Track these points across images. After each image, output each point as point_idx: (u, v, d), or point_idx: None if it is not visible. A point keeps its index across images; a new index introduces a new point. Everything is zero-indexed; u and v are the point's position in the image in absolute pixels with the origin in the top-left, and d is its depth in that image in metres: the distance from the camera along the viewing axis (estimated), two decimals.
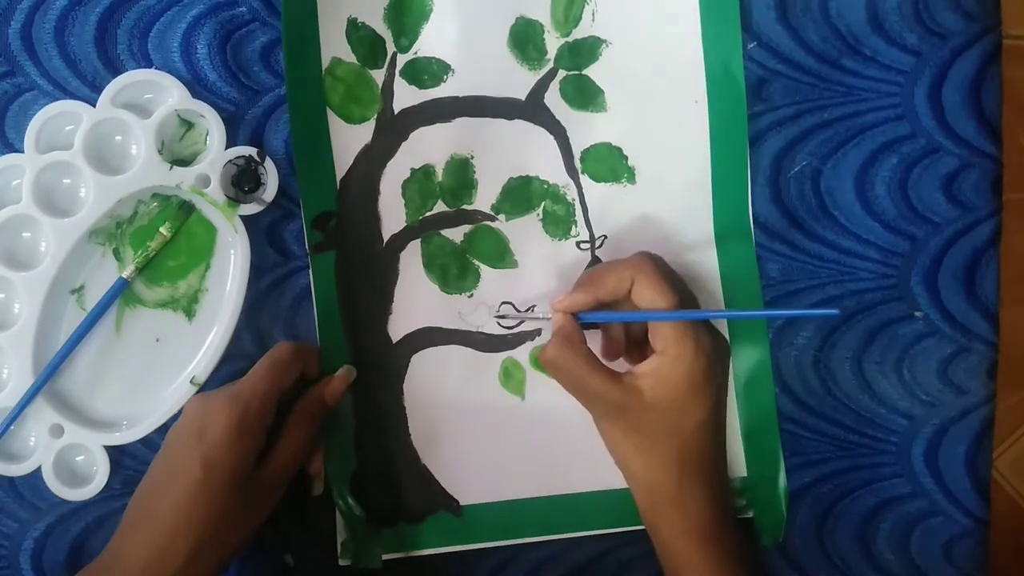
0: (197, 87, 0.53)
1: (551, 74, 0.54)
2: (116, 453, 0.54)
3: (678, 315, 0.48)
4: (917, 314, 0.55)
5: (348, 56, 0.53)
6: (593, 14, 0.53)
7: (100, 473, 0.54)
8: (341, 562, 0.54)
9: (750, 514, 0.55)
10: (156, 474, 0.49)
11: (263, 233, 0.54)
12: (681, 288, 0.51)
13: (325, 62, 0.53)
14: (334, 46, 0.53)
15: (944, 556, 0.55)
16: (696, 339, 0.48)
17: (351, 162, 0.54)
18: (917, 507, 0.55)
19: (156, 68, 0.53)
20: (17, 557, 0.55)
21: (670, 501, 0.49)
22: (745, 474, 0.55)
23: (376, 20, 0.53)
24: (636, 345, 0.53)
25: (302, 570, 0.55)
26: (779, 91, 0.54)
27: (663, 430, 0.49)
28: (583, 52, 0.54)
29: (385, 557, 0.55)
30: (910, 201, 0.54)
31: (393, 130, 0.54)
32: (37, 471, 0.53)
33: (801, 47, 0.53)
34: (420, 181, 0.54)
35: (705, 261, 0.54)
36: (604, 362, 0.50)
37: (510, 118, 0.54)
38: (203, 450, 0.47)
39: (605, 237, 0.55)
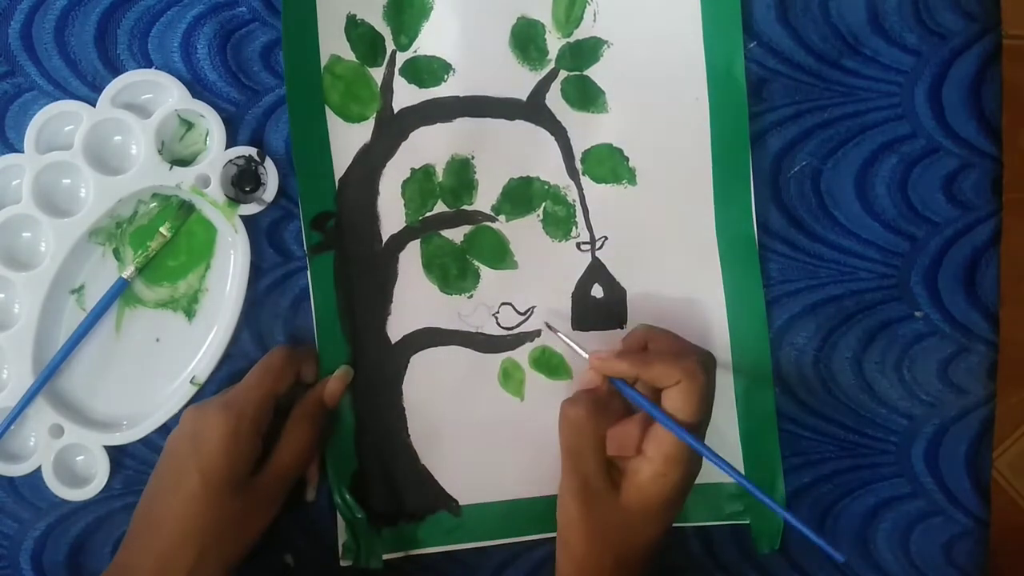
0: (197, 87, 0.53)
1: (552, 74, 0.54)
2: (116, 453, 0.54)
3: (701, 447, 0.46)
4: (917, 314, 0.55)
5: (347, 54, 0.53)
6: (594, 15, 0.53)
7: (100, 473, 0.54)
8: (342, 562, 0.54)
9: (746, 520, 0.55)
10: (157, 484, 0.49)
11: (263, 233, 0.54)
12: (708, 409, 0.49)
13: (324, 59, 0.53)
14: (333, 43, 0.53)
15: (944, 556, 0.55)
16: (688, 462, 0.47)
17: (350, 161, 0.54)
18: (917, 507, 0.55)
19: (156, 68, 0.53)
20: (17, 557, 0.55)
21: None
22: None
23: (375, 17, 0.53)
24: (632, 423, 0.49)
25: (302, 570, 0.55)
26: (779, 91, 0.54)
27: (617, 530, 0.48)
28: (584, 53, 0.54)
29: (385, 557, 0.55)
30: (910, 201, 0.54)
31: (393, 129, 0.54)
32: (37, 471, 0.53)
33: (801, 47, 0.53)
34: (420, 181, 0.54)
35: (707, 263, 0.54)
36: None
37: (511, 118, 0.54)
38: (199, 460, 0.47)
39: (606, 238, 0.54)
